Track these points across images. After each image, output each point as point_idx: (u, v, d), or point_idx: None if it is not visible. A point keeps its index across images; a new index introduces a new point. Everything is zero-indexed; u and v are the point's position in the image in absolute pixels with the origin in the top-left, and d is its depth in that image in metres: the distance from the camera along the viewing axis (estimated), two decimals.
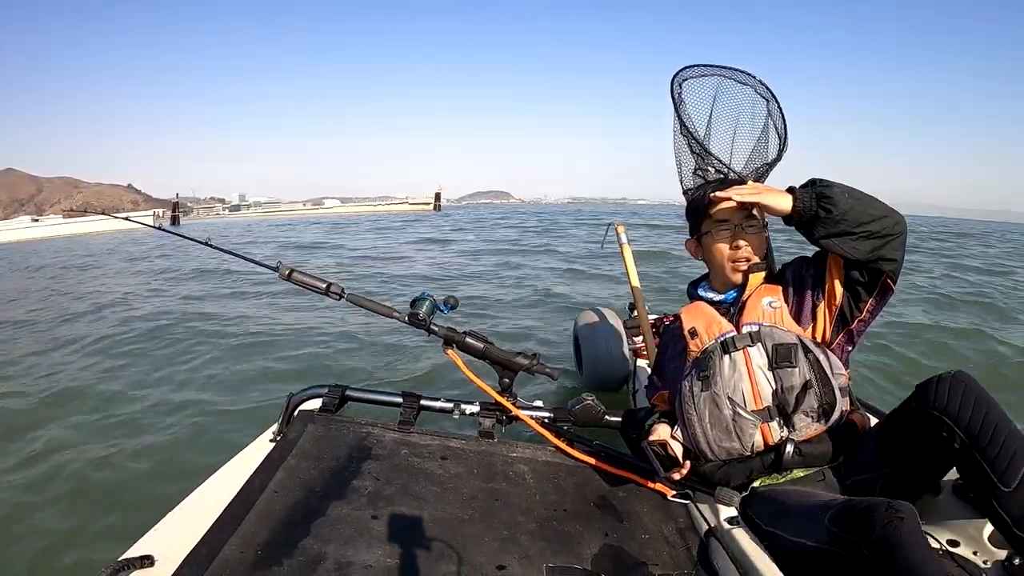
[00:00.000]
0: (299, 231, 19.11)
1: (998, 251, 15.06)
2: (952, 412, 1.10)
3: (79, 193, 77.39)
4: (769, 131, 1.61)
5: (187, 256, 10.84)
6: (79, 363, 4.23)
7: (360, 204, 48.86)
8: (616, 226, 2.92)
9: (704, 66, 1.68)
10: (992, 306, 6.46)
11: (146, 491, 2.35)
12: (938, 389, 1.14)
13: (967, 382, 1.13)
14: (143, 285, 8.04)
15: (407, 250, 12.50)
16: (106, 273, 9.66)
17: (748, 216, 1.45)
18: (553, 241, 13.97)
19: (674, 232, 15.01)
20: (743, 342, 1.38)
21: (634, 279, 2.75)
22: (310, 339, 4.69)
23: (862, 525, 0.99)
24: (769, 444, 1.33)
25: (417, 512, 1.23)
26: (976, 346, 4.67)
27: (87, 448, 2.77)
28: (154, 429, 2.97)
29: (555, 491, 1.40)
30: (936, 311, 5.85)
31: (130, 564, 1.09)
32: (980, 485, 1.09)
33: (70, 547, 2.03)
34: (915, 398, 1.19)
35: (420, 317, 1.59)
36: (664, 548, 1.25)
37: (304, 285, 1.62)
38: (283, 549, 1.07)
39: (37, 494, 2.36)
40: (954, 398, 1.11)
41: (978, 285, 8.25)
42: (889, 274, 1.30)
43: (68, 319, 5.81)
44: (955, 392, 1.12)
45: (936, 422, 1.12)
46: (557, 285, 7.38)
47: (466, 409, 1.62)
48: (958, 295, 6.97)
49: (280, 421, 1.57)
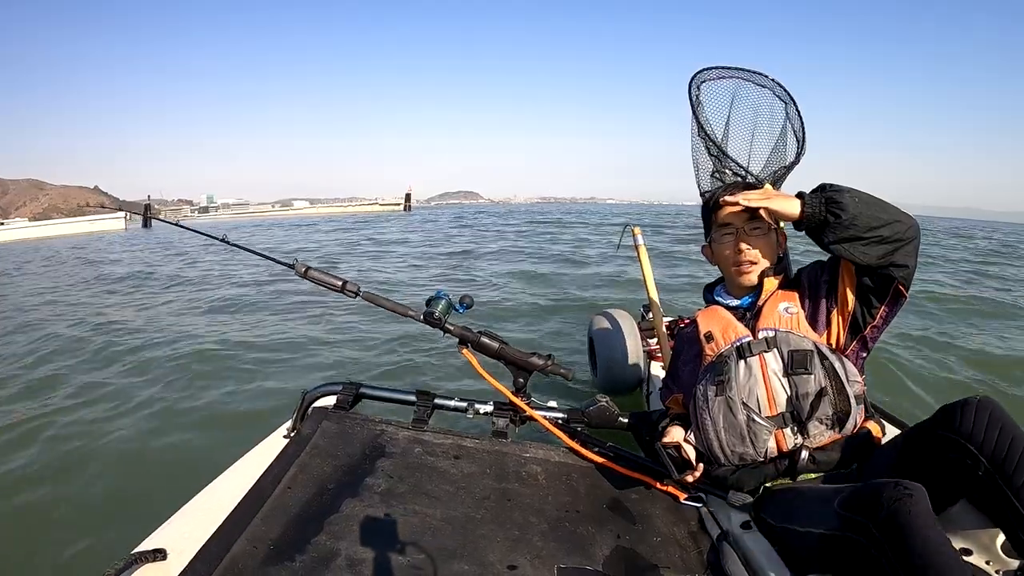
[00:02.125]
0: (269, 232, 19.22)
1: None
2: (977, 439, 1.07)
3: (45, 195, 75.77)
4: (787, 134, 1.60)
5: (183, 257, 10.98)
6: (92, 358, 4.29)
7: (330, 205, 49.28)
8: (632, 228, 2.91)
9: (722, 68, 1.68)
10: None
11: (159, 485, 2.38)
12: (963, 414, 1.10)
13: (993, 408, 1.09)
14: (144, 283, 8.15)
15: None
16: (100, 272, 9.80)
17: (752, 220, 1.44)
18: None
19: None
20: (759, 348, 1.37)
21: (650, 281, 2.73)
22: (324, 336, 4.72)
23: (870, 505, 0.98)
24: (783, 450, 1.32)
25: (429, 511, 1.23)
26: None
27: (101, 443, 2.80)
28: (168, 424, 3.00)
29: (567, 492, 1.39)
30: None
31: (142, 557, 1.11)
32: (1004, 511, 1.06)
33: (83, 540, 2.06)
34: (939, 422, 1.15)
35: (435, 316, 1.59)
36: (676, 551, 1.24)
37: (320, 283, 1.62)
38: (295, 545, 1.07)
39: (51, 487, 2.40)
40: (980, 424, 1.08)
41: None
42: (901, 280, 1.28)
43: (75, 320, 5.90)
44: (980, 418, 1.08)
45: (960, 448, 1.09)
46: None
47: (480, 408, 1.61)
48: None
49: (294, 417, 1.57)
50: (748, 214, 1.43)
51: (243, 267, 9.01)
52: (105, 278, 8.85)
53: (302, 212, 42.66)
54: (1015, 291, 7.76)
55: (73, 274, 9.75)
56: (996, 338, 4.96)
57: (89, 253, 13.64)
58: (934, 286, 7.48)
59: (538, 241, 14.05)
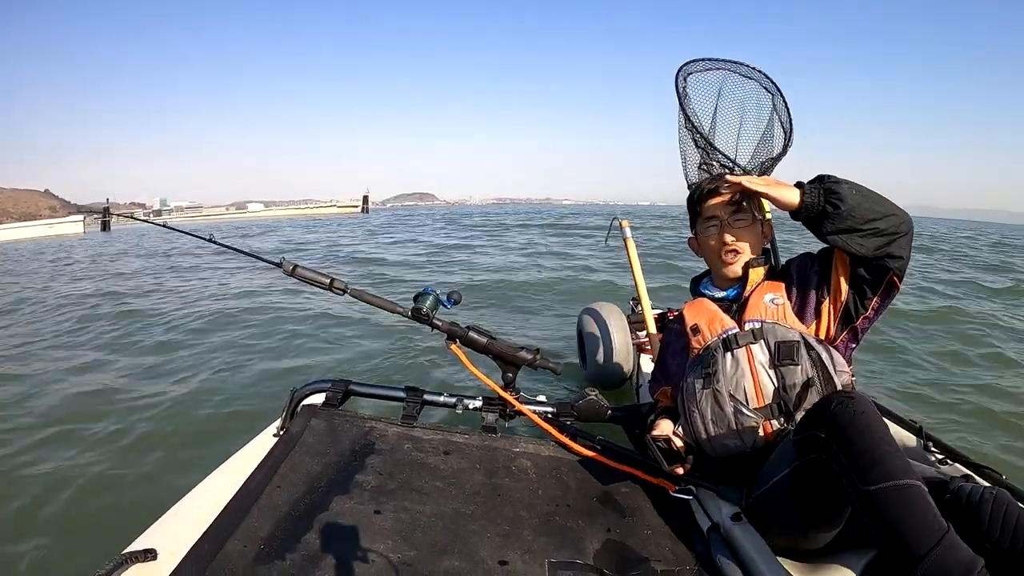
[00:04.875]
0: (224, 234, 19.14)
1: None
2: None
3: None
4: (774, 125, 1.60)
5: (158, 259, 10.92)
6: (79, 357, 4.25)
7: (286, 207, 49.01)
8: (620, 221, 2.91)
9: (709, 60, 1.67)
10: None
11: (149, 485, 2.36)
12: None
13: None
14: (138, 280, 8.08)
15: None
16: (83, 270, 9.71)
17: (736, 211, 1.46)
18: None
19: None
20: (745, 339, 1.37)
21: (638, 274, 2.74)
22: (313, 334, 4.70)
23: (817, 418, 1.06)
24: (771, 442, 1.33)
25: (420, 507, 1.23)
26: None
27: (89, 443, 2.78)
28: (157, 423, 2.98)
29: (558, 486, 1.40)
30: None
31: (133, 557, 1.10)
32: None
33: (73, 541, 2.04)
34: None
35: (423, 312, 1.59)
36: (666, 544, 1.25)
37: (307, 280, 1.62)
38: (286, 543, 1.07)
39: (40, 488, 2.37)
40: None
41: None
42: (895, 271, 1.30)
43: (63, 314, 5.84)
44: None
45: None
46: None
47: (469, 404, 1.61)
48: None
49: (283, 416, 1.57)
50: (733, 206, 1.45)
51: (224, 270, 8.91)
52: (99, 275, 8.77)
53: (258, 215, 42.24)
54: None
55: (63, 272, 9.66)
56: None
57: (59, 253, 13.48)
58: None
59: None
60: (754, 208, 1.47)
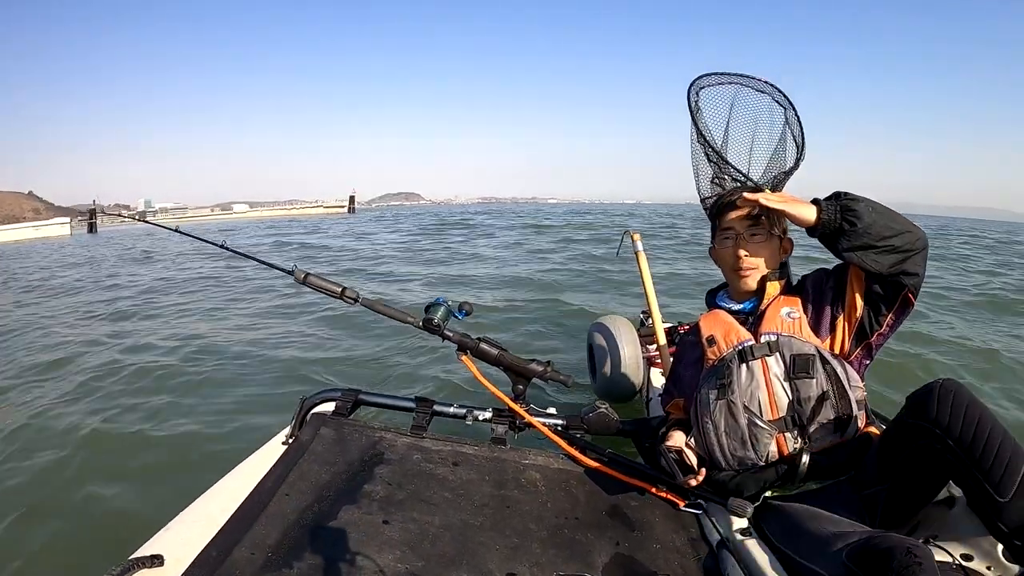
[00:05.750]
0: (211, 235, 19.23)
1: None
2: (943, 423, 1.08)
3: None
4: (787, 139, 1.60)
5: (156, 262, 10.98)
6: (86, 362, 4.28)
7: (271, 208, 48.62)
8: (632, 234, 2.90)
9: (721, 74, 1.68)
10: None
11: (157, 491, 2.37)
12: (927, 400, 1.12)
13: (956, 390, 1.10)
14: (140, 286, 8.15)
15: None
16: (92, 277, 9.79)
17: (752, 225, 1.46)
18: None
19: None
20: (761, 351, 1.37)
21: (649, 287, 2.73)
22: (323, 343, 4.71)
23: (879, 567, 0.97)
24: (784, 455, 1.32)
25: (428, 518, 1.22)
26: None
27: (97, 448, 2.79)
28: (166, 431, 2.99)
29: (567, 499, 1.39)
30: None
31: (140, 563, 1.10)
32: (977, 496, 1.07)
33: (80, 545, 2.04)
34: (907, 410, 1.17)
35: (434, 323, 1.59)
36: (675, 558, 1.24)
37: (319, 289, 1.62)
38: (293, 552, 1.06)
39: (48, 492, 2.38)
40: (944, 408, 1.09)
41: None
42: (910, 288, 1.30)
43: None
44: (944, 401, 1.09)
45: (928, 434, 1.10)
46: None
47: (479, 415, 1.61)
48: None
49: (293, 424, 1.57)
50: (750, 220, 1.45)
51: (233, 273, 8.97)
52: (102, 282, 8.85)
53: (244, 216, 41.94)
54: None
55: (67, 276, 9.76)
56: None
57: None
58: None
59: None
60: (772, 223, 1.47)
